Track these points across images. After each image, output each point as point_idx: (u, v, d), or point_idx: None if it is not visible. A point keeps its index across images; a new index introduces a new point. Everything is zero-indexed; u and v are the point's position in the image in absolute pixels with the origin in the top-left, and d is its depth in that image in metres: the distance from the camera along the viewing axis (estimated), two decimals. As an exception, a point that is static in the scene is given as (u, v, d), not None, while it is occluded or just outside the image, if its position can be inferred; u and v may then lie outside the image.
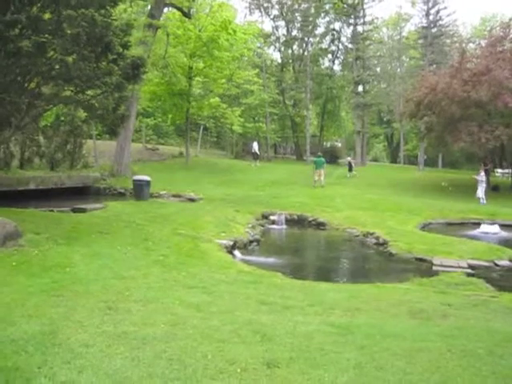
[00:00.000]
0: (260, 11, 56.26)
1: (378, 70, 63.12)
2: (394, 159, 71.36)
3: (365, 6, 51.28)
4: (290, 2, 54.99)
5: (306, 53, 54.91)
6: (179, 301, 7.38)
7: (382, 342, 5.97)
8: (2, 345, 5.46)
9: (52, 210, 15.93)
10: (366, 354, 5.54)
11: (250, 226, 17.68)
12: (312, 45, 56.34)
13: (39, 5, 11.51)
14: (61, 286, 7.73)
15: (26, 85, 12.69)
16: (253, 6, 55.28)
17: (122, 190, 24.63)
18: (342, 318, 7.14)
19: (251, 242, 15.89)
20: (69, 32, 11.48)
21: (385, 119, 71.17)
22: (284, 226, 19.79)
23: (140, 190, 20.21)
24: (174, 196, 22.96)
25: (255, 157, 40.49)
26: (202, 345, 5.54)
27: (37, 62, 11.70)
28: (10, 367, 5.09)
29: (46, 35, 11.07)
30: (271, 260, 13.84)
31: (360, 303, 8.21)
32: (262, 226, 19.01)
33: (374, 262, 14.91)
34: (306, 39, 55.00)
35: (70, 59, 11.63)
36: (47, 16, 11.65)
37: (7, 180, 20.48)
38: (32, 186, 21.50)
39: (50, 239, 10.99)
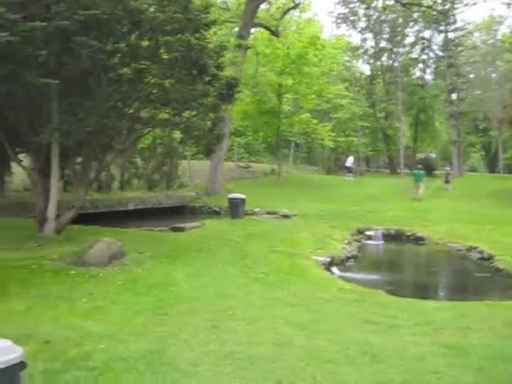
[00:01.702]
0: (347, 25, 55.88)
1: (472, 76, 60.68)
2: (492, 169, 68.06)
3: (455, 12, 49.60)
4: (376, 14, 54.26)
5: (395, 63, 53.79)
6: (283, 319, 7.28)
7: (501, 365, 5.56)
8: (113, 362, 5.59)
9: (152, 230, 16.42)
10: (485, 378, 5.18)
11: (346, 241, 17.36)
12: (402, 55, 55.11)
13: (137, 33, 11.96)
14: (165, 304, 7.86)
15: (126, 110, 13.21)
16: (339, 20, 54.99)
17: (217, 209, 25.03)
18: (453, 339, 6.75)
19: (348, 258, 15.57)
20: (166, 57, 11.85)
21: (481, 127, 68.12)
22: (381, 242, 19.27)
23: (235, 208, 20.43)
24: (269, 213, 22.99)
25: (349, 171, 39.97)
26: (310, 365, 5.40)
27: (136, 87, 12.16)
28: (123, 384, 5.19)
29: (144, 61, 11.47)
30: (371, 277, 13.47)
31: (471, 322, 7.74)
32: (359, 241, 18.61)
33: (479, 277, 14.13)
34: (395, 50, 53.91)
35: (167, 83, 12.00)
36: (145, 43, 12.09)
37: (109, 201, 21.40)
38: (131, 207, 22.35)
39: (152, 258, 11.28)
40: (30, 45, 10.06)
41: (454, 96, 50.14)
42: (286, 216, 22.35)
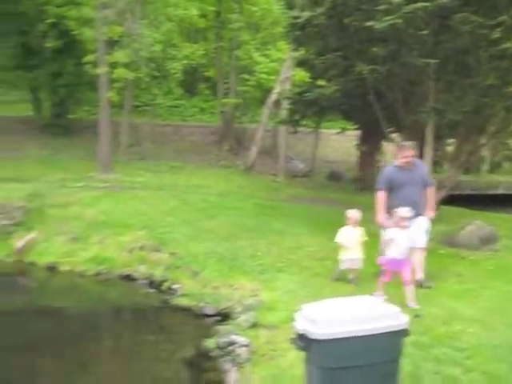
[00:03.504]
0: None
1: None
2: None
3: None
4: None
5: None
6: None
7: None
8: (483, 348, 5.43)
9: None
10: None
11: None
12: None
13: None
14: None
15: (505, 88, 12.40)
16: None
17: None
18: None
19: None
20: None
21: None
22: None
23: None
24: None
25: None
26: None
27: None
28: (492, 373, 5.00)
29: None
30: None
31: None
32: None
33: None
34: None
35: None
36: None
37: (476, 184, 20.71)
38: (501, 191, 21.16)
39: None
40: (412, 25, 10.33)
41: None
42: None
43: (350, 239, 7.55)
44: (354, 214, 7.63)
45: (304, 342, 3.60)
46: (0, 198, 11.86)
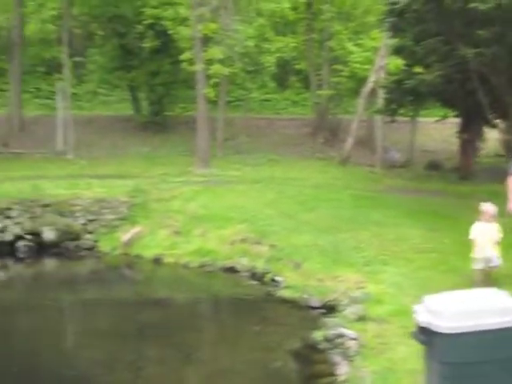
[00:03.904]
0: None
1: None
2: None
3: None
4: None
5: None
6: None
7: None
8: None
9: None
10: None
11: None
12: None
13: None
14: None
15: None
16: None
17: None
18: None
19: None
20: None
21: None
22: None
23: None
24: None
25: None
26: None
27: None
28: None
29: None
30: None
31: None
32: None
33: None
34: None
35: None
36: None
37: None
38: None
39: None
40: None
41: None
42: None
43: (485, 236, 6.71)
44: (489, 207, 6.76)
45: (426, 335, 3.47)
46: (105, 193, 12.45)
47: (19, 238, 11.24)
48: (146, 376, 6.11)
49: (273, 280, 8.70)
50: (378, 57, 18.49)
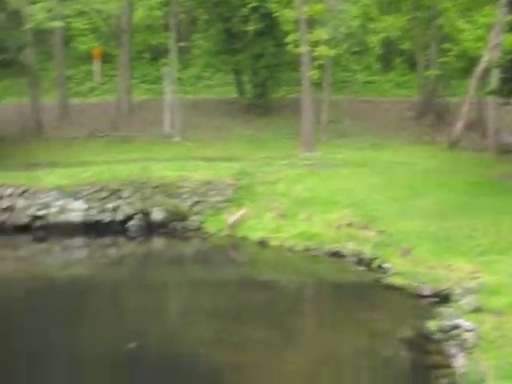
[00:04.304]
0: None
1: None
2: None
3: None
4: None
5: None
6: None
7: None
8: None
9: None
10: None
11: None
12: None
13: None
14: None
15: None
16: None
17: None
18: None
19: None
20: None
21: None
22: None
23: None
24: None
25: None
26: None
27: None
28: None
29: None
30: None
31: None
32: None
33: None
34: None
35: None
36: None
37: None
38: None
39: None
40: None
41: None
42: None
43: None
44: None
45: None
46: (212, 175, 12.70)
47: (129, 217, 11.83)
48: (250, 358, 6.07)
49: (380, 267, 8.51)
50: (492, 34, 17.45)
